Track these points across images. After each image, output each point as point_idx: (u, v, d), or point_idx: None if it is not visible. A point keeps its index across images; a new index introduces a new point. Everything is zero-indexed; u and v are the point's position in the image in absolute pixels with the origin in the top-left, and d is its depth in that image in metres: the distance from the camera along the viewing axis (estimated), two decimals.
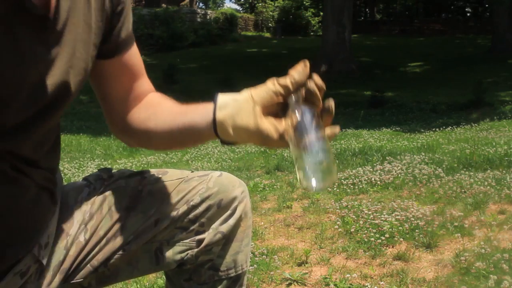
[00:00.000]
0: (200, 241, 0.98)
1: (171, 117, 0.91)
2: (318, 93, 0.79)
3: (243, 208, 1.00)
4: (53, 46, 0.76)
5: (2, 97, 0.71)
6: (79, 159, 5.62)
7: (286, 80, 0.79)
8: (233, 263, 1.01)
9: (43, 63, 0.75)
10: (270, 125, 0.80)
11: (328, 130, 0.81)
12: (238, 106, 0.80)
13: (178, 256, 0.98)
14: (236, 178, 1.04)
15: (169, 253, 0.98)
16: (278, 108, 0.81)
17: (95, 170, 1.08)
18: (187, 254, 0.98)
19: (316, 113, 0.79)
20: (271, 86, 0.80)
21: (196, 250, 0.98)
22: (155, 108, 0.95)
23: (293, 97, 0.80)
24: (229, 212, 0.99)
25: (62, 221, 0.95)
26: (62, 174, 0.96)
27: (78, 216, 0.96)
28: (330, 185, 0.77)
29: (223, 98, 0.83)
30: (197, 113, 0.86)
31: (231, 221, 0.99)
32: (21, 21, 0.70)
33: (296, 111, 0.79)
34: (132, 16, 0.94)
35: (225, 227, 0.98)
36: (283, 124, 0.80)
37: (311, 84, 0.79)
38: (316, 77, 0.80)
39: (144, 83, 0.99)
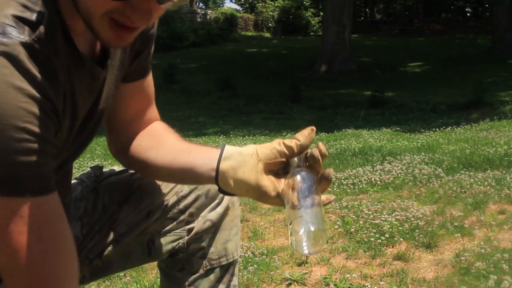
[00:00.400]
0: (190, 230, 1.02)
1: (173, 153, 0.92)
2: (320, 160, 0.81)
3: (229, 198, 1.05)
4: (99, 91, 0.81)
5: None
6: (79, 159, 5.61)
7: (292, 143, 0.82)
8: (224, 251, 1.05)
9: (89, 111, 0.81)
10: (269, 183, 0.82)
11: (324, 197, 0.83)
12: (242, 159, 0.82)
13: (170, 246, 1.02)
14: None
15: (160, 244, 1.02)
16: (279, 167, 0.84)
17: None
18: (178, 243, 1.02)
19: (315, 179, 0.81)
20: (277, 146, 0.82)
21: (187, 238, 1.02)
22: (158, 139, 0.97)
23: (295, 159, 0.82)
24: (216, 201, 1.03)
25: None
26: None
27: (73, 213, 1.00)
28: (320, 251, 0.81)
29: (229, 149, 0.85)
30: (200, 157, 0.88)
31: (219, 209, 1.03)
32: (78, 76, 0.74)
33: (297, 175, 0.81)
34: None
35: (213, 215, 1.03)
36: (282, 184, 0.82)
37: (315, 152, 0.81)
38: (320, 145, 0.82)
39: (152, 111, 1.01)
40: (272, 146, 0.82)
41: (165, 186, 1.02)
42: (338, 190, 3.63)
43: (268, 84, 14.19)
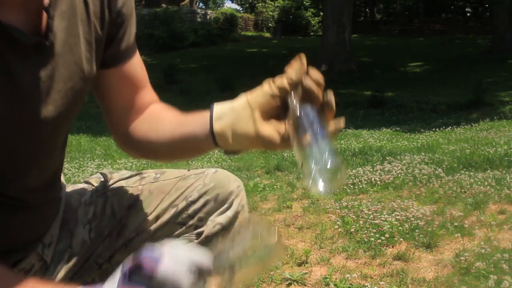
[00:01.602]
0: (199, 234, 1.01)
1: (172, 128, 0.90)
2: (316, 89, 0.75)
3: (239, 202, 1.04)
4: (53, 70, 0.75)
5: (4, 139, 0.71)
6: (79, 159, 5.61)
7: (283, 81, 0.76)
8: None
9: (41, 94, 0.74)
10: (271, 130, 0.77)
11: (332, 126, 0.77)
12: (236, 114, 0.78)
13: None
14: (231, 174, 1.07)
15: None
16: (279, 110, 0.78)
17: (95, 170, 1.10)
18: None
19: (317, 109, 0.75)
20: (267, 89, 0.77)
21: (196, 241, 1.01)
22: (156, 120, 0.94)
23: (292, 96, 0.76)
24: (226, 205, 1.02)
25: (66, 221, 0.98)
26: (62, 175, 0.99)
27: (82, 217, 0.99)
28: (339, 186, 0.75)
29: (218, 108, 0.80)
30: (197, 124, 0.85)
31: (229, 213, 1.02)
32: (15, 53, 0.69)
33: (298, 112, 0.75)
34: (135, 26, 0.93)
35: (223, 219, 1.01)
36: (285, 126, 0.77)
37: (307, 82, 0.75)
38: (313, 72, 0.76)
39: (147, 94, 0.98)
40: (263, 91, 0.77)
41: (174, 191, 1.01)
42: (338, 190, 3.63)
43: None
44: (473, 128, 7.55)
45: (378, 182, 3.72)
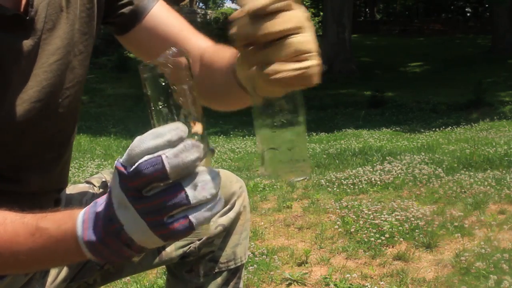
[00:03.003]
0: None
1: (221, 58, 0.80)
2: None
3: (241, 202, 1.04)
4: (34, 45, 0.74)
5: None
6: (79, 159, 5.61)
7: None
8: (233, 255, 1.05)
9: (20, 68, 0.73)
10: None
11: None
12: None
13: (181, 251, 1.01)
14: (233, 175, 1.07)
15: (171, 248, 1.01)
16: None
17: (95, 170, 1.10)
18: (190, 247, 1.01)
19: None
20: None
21: (198, 242, 1.01)
22: (209, 64, 0.84)
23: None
24: (228, 206, 1.02)
25: None
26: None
27: None
28: (302, 175, 0.61)
29: None
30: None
31: (231, 214, 1.02)
32: None
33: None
34: None
35: (225, 220, 1.02)
36: None
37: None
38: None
39: (189, 41, 0.89)
40: None
41: None
42: (338, 190, 3.63)
43: None
44: (473, 128, 7.55)
45: (378, 182, 3.72)
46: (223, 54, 0.80)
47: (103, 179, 1.03)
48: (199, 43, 0.90)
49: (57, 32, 0.77)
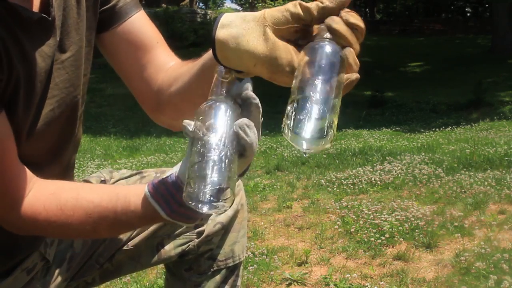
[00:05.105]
0: (200, 233, 1.02)
1: (187, 71, 0.82)
2: (344, 34, 0.62)
3: (239, 200, 1.05)
4: (55, 44, 0.76)
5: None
6: (79, 159, 5.61)
7: (312, 4, 0.63)
8: (231, 253, 1.06)
9: (47, 67, 0.75)
10: (284, 54, 0.64)
11: (344, 77, 0.62)
12: (246, 26, 0.64)
13: (179, 249, 1.02)
14: None
15: (170, 246, 1.02)
16: (297, 36, 0.65)
17: (95, 170, 1.10)
18: (188, 245, 1.02)
19: (340, 56, 0.62)
20: (291, 7, 0.64)
21: (197, 240, 1.02)
22: (175, 75, 0.86)
23: (317, 28, 0.64)
24: None
25: None
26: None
27: None
28: (319, 150, 0.59)
29: (229, 16, 0.67)
30: (207, 54, 0.75)
31: (229, 212, 1.03)
32: (23, 30, 0.70)
33: (314, 47, 0.62)
34: None
35: (223, 218, 1.02)
36: (297, 57, 0.64)
37: (332, 23, 0.62)
38: (346, 14, 0.63)
39: (159, 54, 0.90)
40: (285, 8, 0.64)
41: None
42: (338, 190, 3.63)
43: (268, 84, 14.17)
44: (473, 128, 7.55)
45: (378, 182, 3.72)
46: (187, 63, 0.86)
47: (102, 178, 1.04)
48: (167, 56, 0.92)
49: (70, 28, 0.79)
